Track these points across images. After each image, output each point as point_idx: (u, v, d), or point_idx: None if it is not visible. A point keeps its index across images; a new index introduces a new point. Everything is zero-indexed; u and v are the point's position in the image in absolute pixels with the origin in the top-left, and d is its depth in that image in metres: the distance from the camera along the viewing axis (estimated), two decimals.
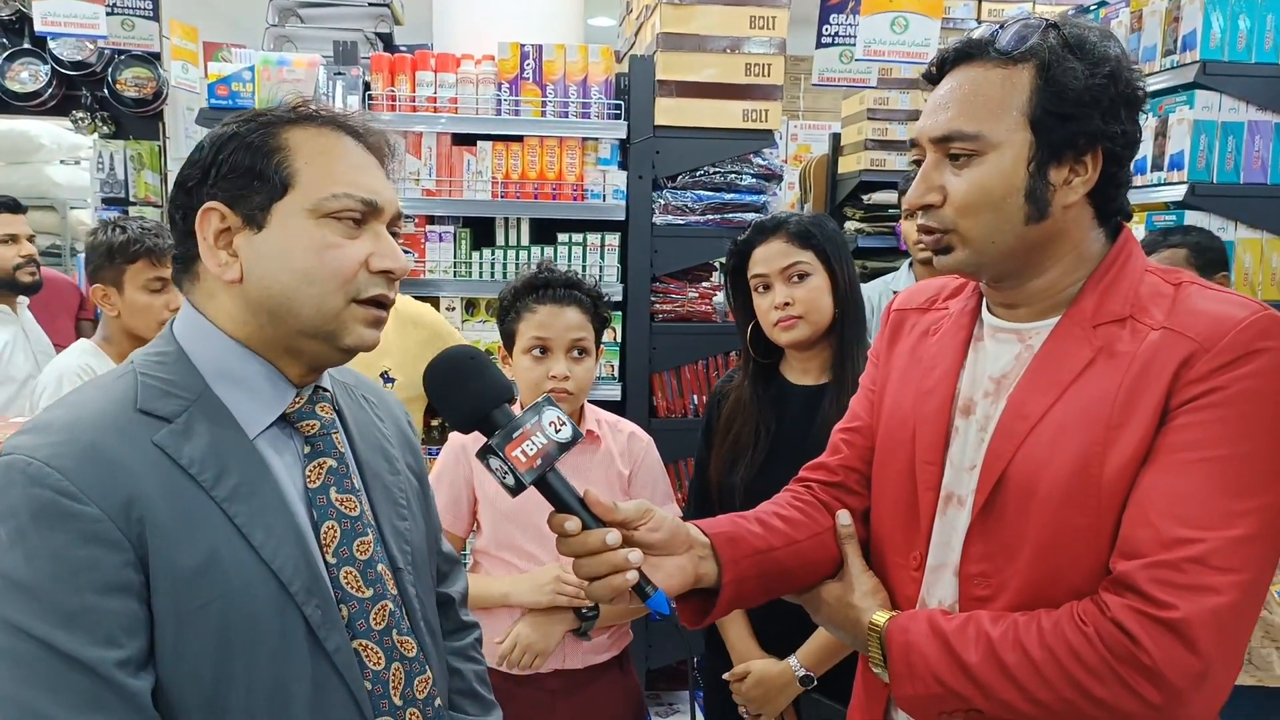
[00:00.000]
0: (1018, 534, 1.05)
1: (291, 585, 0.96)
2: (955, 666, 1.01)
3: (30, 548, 0.86)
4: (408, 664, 1.06)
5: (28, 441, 0.91)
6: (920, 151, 1.11)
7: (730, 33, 3.08)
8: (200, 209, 0.99)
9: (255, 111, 1.04)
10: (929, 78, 1.13)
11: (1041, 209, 1.05)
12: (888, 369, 1.27)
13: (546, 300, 1.84)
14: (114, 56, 4.64)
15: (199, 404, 0.98)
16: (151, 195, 4.89)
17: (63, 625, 0.86)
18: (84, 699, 0.86)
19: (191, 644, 0.92)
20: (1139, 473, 0.99)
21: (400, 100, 3.03)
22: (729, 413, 1.90)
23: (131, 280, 2.26)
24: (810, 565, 1.22)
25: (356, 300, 1.01)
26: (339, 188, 1.00)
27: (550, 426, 1.01)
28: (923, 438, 1.15)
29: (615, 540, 1.02)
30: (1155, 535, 0.95)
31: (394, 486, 1.14)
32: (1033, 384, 1.07)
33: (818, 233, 1.82)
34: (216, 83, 2.99)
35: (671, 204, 3.11)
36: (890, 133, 4.47)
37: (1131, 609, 0.94)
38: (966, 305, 1.19)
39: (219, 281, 1.01)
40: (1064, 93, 1.02)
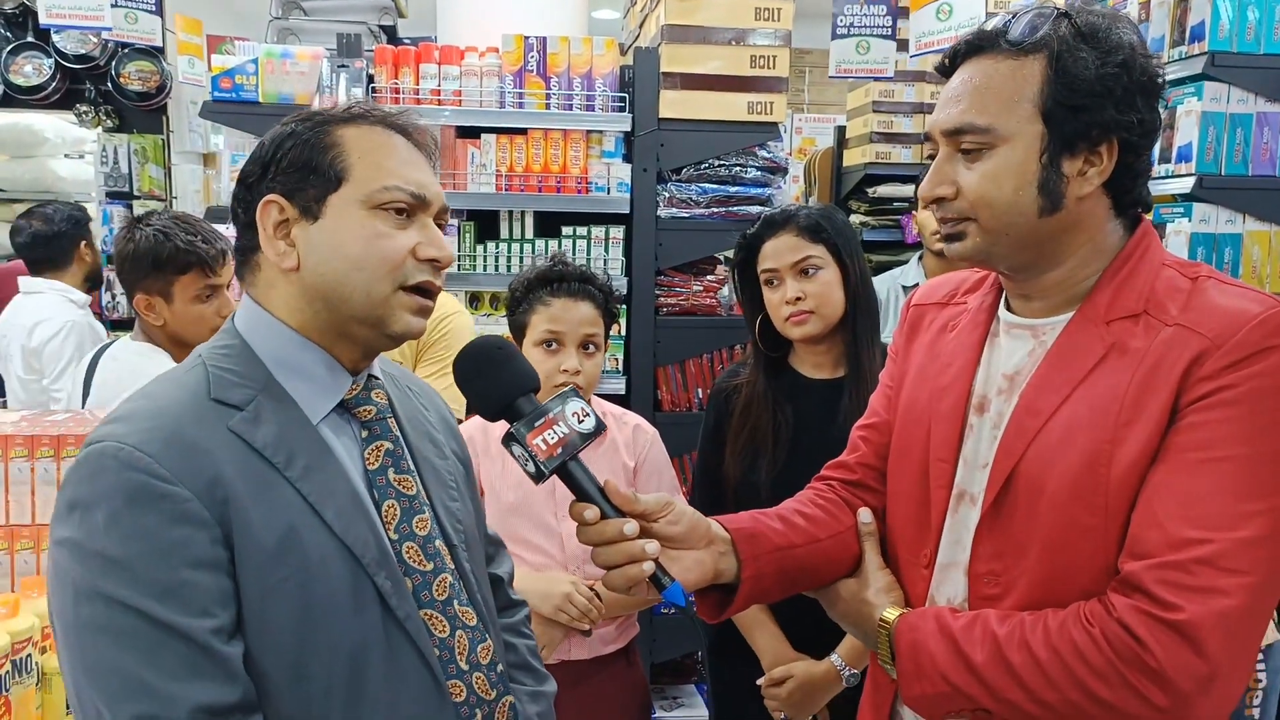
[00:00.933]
0: (1026, 532, 1.04)
1: (364, 558, 1.02)
2: (962, 666, 1.01)
3: (126, 528, 0.92)
4: (470, 632, 1.12)
5: (116, 430, 0.96)
6: (934, 146, 1.11)
7: (735, 24, 3.06)
8: (260, 201, 1.06)
9: (312, 112, 1.10)
10: (942, 70, 1.12)
11: (1055, 201, 1.04)
12: (905, 365, 1.26)
13: (560, 294, 1.83)
14: (117, 50, 4.63)
15: (265, 392, 1.04)
16: (155, 189, 4.88)
17: (159, 598, 0.91)
18: (181, 666, 0.91)
19: (275, 614, 0.97)
20: (1148, 472, 0.97)
21: (404, 93, 3.02)
22: (742, 408, 1.88)
23: (182, 291, 2.11)
24: (831, 563, 1.22)
25: (403, 287, 1.06)
26: (389, 180, 1.05)
27: (574, 417, 1.03)
28: (937, 435, 1.15)
29: (633, 530, 1.04)
30: (1163, 536, 0.94)
31: (443, 470, 1.19)
32: (1044, 381, 1.06)
33: (828, 226, 1.81)
34: (220, 75, 2.98)
35: (676, 197, 3.10)
36: (896, 125, 4.46)
37: (1138, 610, 0.93)
38: (984, 301, 1.19)
39: (277, 270, 1.07)
40: (1075, 83, 1.01)
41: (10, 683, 1.38)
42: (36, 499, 1.59)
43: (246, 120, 3.01)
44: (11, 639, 1.39)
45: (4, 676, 1.36)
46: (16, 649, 1.39)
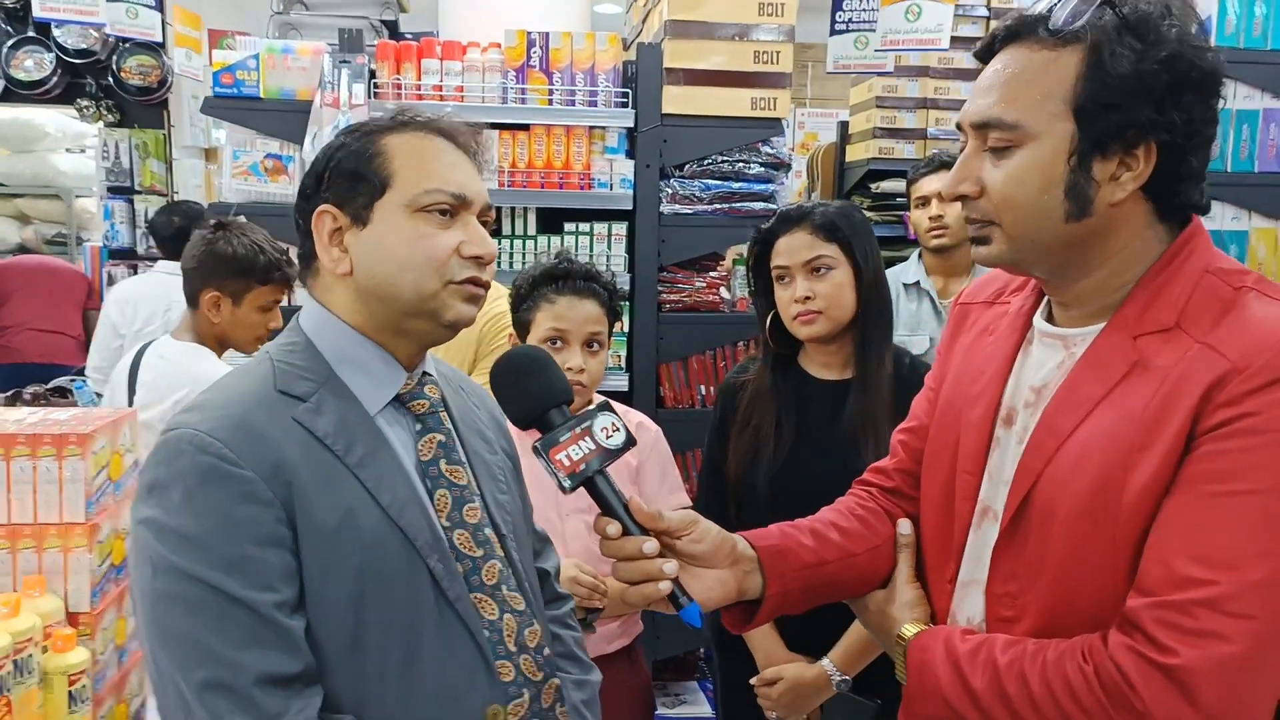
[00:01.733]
0: (1041, 555, 1.00)
1: (417, 541, 1.08)
2: (962, 690, 0.99)
3: (198, 506, 0.99)
4: (518, 616, 1.17)
5: (190, 418, 1.04)
6: (964, 138, 1.05)
7: (739, 20, 3.04)
8: (315, 212, 1.13)
9: (361, 123, 1.18)
10: (979, 57, 1.05)
11: (1083, 206, 0.97)
12: (947, 367, 1.22)
13: (565, 291, 1.82)
14: (118, 44, 4.62)
15: (327, 385, 1.11)
16: (157, 184, 4.88)
17: (227, 571, 0.98)
18: (246, 635, 0.98)
19: (334, 592, 1.04)
20: (1161, 501, 0.91)
21: (406, 89, 3.01)
22: (747, 404, 1.87)
23: (253, 299, 2.33)
24: (865, 577, 1.21)
25: (451, 283, 1.11)
26: (431, 184, 1.11)
27: (602, 432, 1.04)
28: (965, 446, 1.11)
29: (652, 549, 1.03)
30: (1166, 573, 0.89)
31: (493, 464, 1.26)
32: (1067, 398, 1.00)
33: (843, 225, 1.78)
34: (221, 71, 2.97)
35: (679, 193, 3.08)
36: (899, 120, 4.43)
37: (1131, 650, 0.89)
38: (1023, 305, 1.13)
39: (332, 275, 1.14)
40: (1109, 79, 0.93)
41: (12, 682, 1.37)
42: (39, 498, 1.58)
43: (248, 116, 3.00)
44: (13, 639, 1.38)
45: (5, 676, 1.36)
46: (18, 649, 1.39)
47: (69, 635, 1.47)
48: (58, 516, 1.57)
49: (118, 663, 1.65)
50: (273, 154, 2.98)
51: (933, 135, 4.49)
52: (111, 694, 1.62)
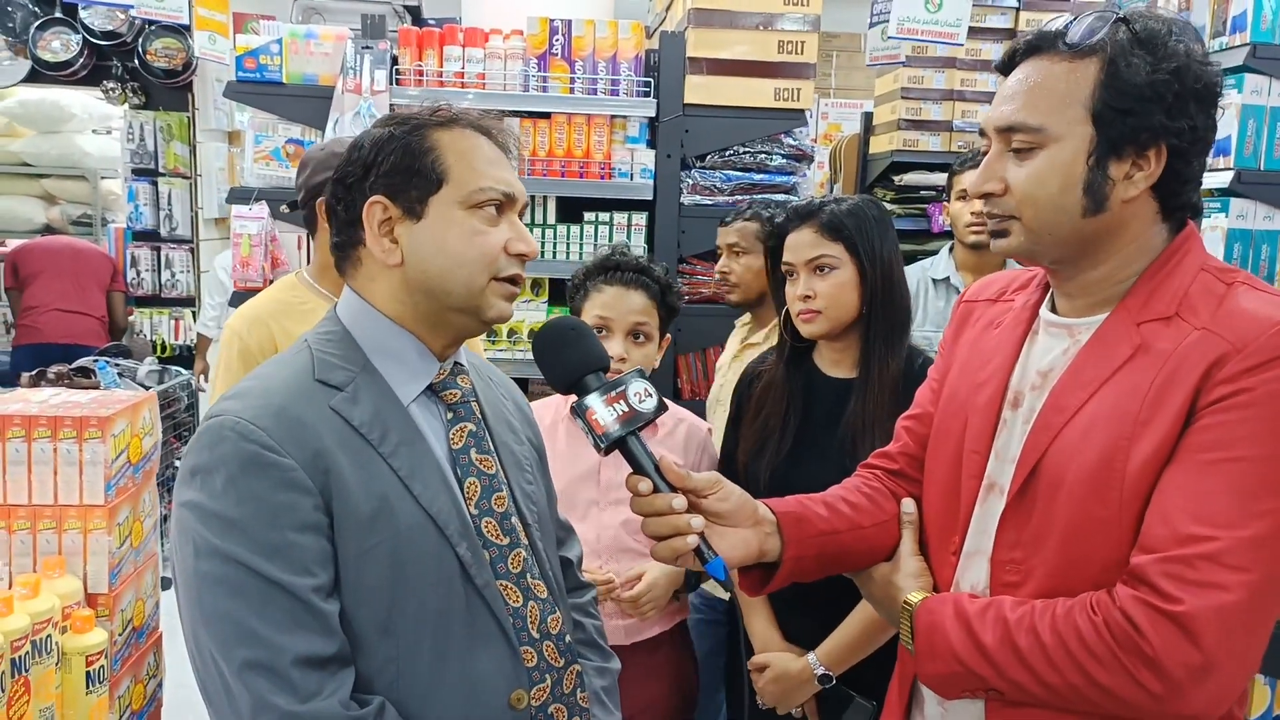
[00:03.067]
0: (1046, 523, 1.08)
1: (447, 529, 1.12)
2: (973, 647, 1.05)
3: (240, 492, 1.03)
4: (541, 604, 1.20)
5: (232, 406, 1.07)
6: (989, 141, 1.13)
7: (764, 9, 3.02)
8: (367, 202, 1.14)
9: (405, 115, 1.18)
10: (1001, 68, 1.14)
11: (1099, 202, 1.06)
12: (950, 359, 1.30)
13: (614, 282, 1.87)
14: (144, 27, 4.64)
15: (363, 375, 1.14)
16: (180, 166, 4.91)
17: (267, 556, 1.02)
18: (285, 617, 1.01)
19: (368, 577, 1.07)
20: (1163, 470, 1.00)
21: (427, 75, 3.00)
22: (760, 393, 1.88)
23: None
24: (872, 550, 1.28)
25: (496, 278, 1.15)
26: (485, 182, 1.14)
27: (635, 396, 1.10)
28: (972, 427, 1.19)
29: (681, 505, 1.10)
30: (1170, 531, 0.97)
31: (520, 454, 1.29)
32: (1073, 379, 1.09)
33: (850, 224, 1.75)
34: (244, 55, 2.98)
35: (700, 184, 3.07)
36: (924, 112, 4.39)
37: (1139, 600, 0.97)
38: (1029, 300, 1.22)
39: (379, 266, 1.16)
40: (1125, 87, 1.03)
41: (30, 663, 1.39)
42: (59, 479, 1.59)
43: (271, 100, 3.01)
44: (32, 619, 1.40)
45: (24, 656, 1.37)
46: (37, 629, 1.40)
47: (87, 616, 1.49)
48: (78, 498, 1.59)
49: (135, 644, 1.67)
50: (294, 139, 2.98)
51: (959, 128, 4.44)
52: (129, 674, 1.64)
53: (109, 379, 3.56)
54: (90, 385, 3.40)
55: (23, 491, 1.57)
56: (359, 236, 1.16)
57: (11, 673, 1.35)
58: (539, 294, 3.15)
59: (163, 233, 4.94)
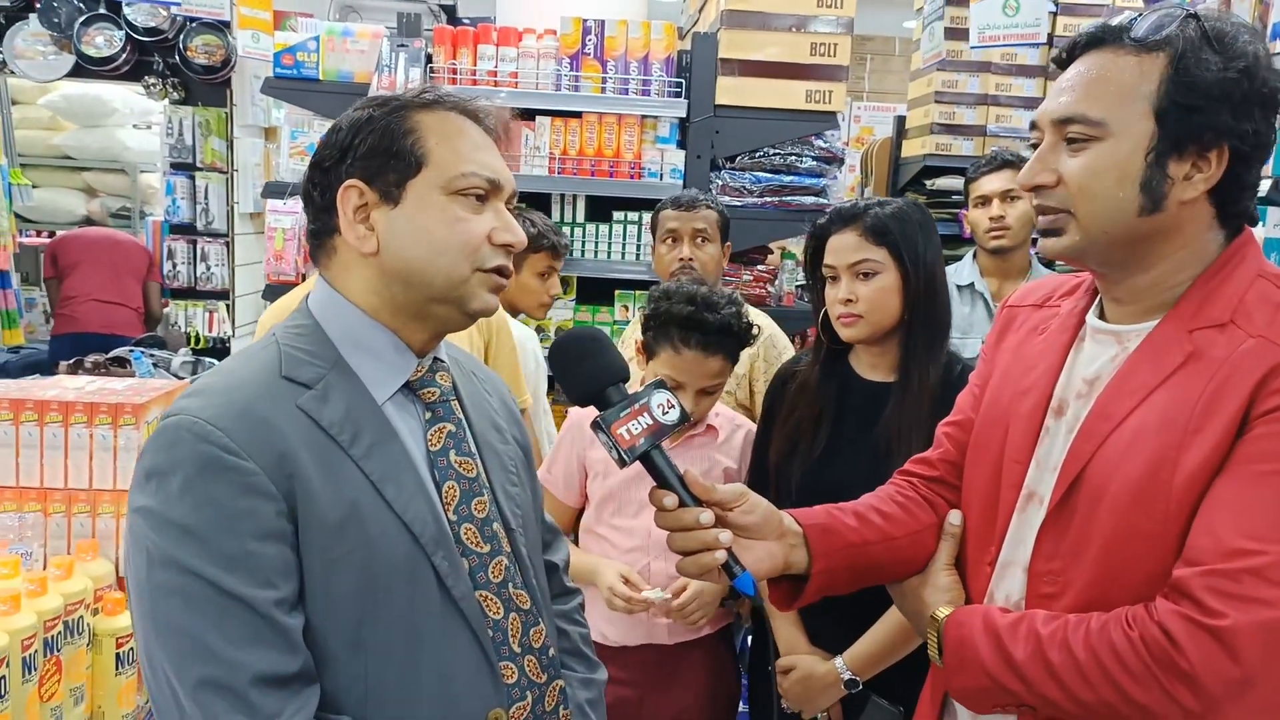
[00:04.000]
0: (1087, 534, 1.05)
1: (421, 537, 1.04)
2: (1003, 662, 1.03)
3: (197, 497, 0.95)
4: (523, 615, 1.13)
5: (192, 404, 1.00)
6: (1040, 135, 1.10)
7: (797, 11, 3.02)
8: (341, 186, 1.07)
9: (387, 96, 1.11)
10: (1059, 62, 1.11)
11: (1156, 201, 1.03)
12: (993, 365, 1.27)
13: (694, 346, 1.77)
14: (185, 24, 4.71)
15: (334, 371, 1.06)
16: (218, 161, 4.97)
17: (226, 567, 0.94)
18: (245, 632, 0.94)
19: (336, 588, 1.00)
20: (1211, 482, 0.97)
21: (461, 74, 3.03)
22: (794, 395, 1.86)
23: (530, 266, 2.58)
24: (906, 561, 1.25)
25: (480, 270, 1.09)
26: (467, 166, 1.07)
27: (659, 408, 1.07)
28: (1014, 436, 1.16)
29: (708, 519, 1.07)
30: (1216, 544, 0.94)
31: (504, 455, 1.22)
32: (1121, 387, 1.06)
33: (894, 229, 1.72)
34: (282, 52, 3.02)
35: (729, 185, 3.07)
36: (958, 117, 4.35)
37: (1179, 614, 0.94)
38: (1076, 306, 1.18)
39: (355, 254, 1.08)
40: (1194, 84, 1.00)
41: (62, 643, 1.42)
42: (94, 464, 1.63)
43: (307, 97, 3.05)
44: (65, 600, 1.43)
45: (56, 637, 1.40)
46: (69, 610, 1.43)
47: (119, 599, 1.52)
48: (111, 483, 1.62)
49: None
50: None
51: (993, 132, 4.40)
52: None
53: (144, 369, 3.62)
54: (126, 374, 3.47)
55: (59, 475, 1.61)
56: (334, 223, 1.08)
57: (44, 652, 1.38)
58: (567, 292, 3.16)
59: (199, 226, 5.00)
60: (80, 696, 1.46)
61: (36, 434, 1.60)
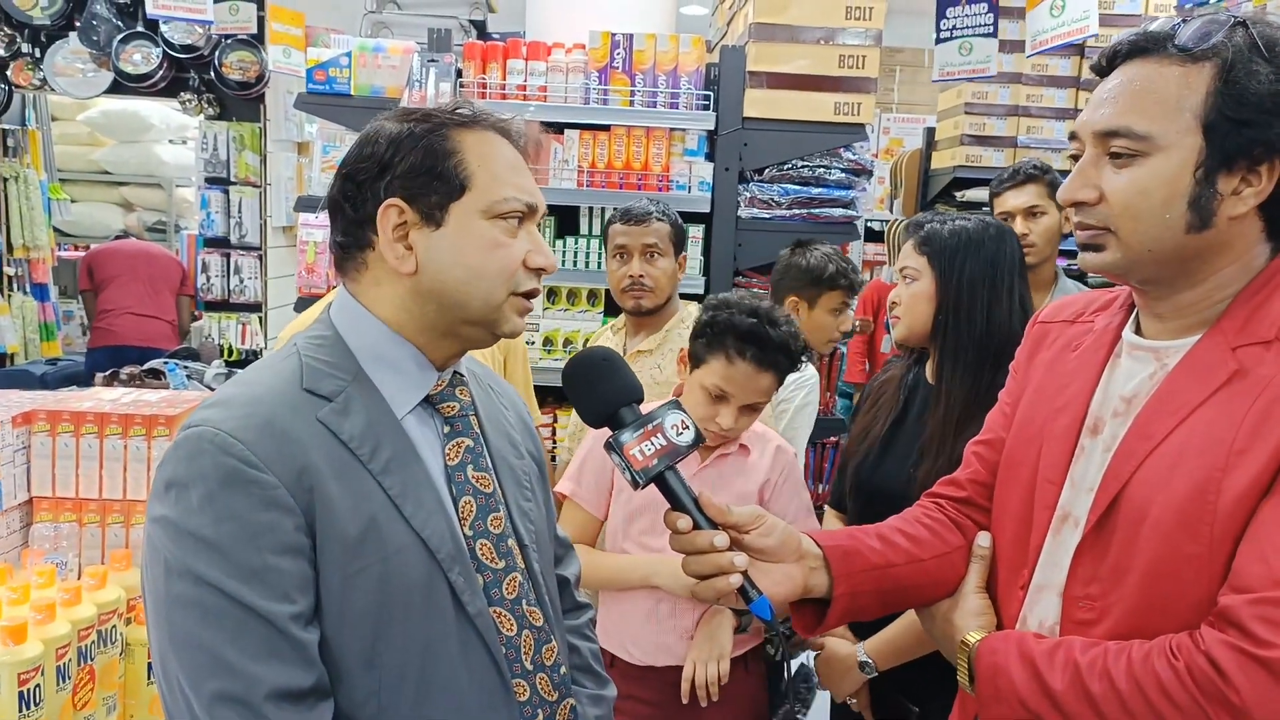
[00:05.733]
0: (1127, 558, 1.00)
1: (439, 553, 1.04)
2: (1040, 692, 0.99)
3: (218, 510, 0.95)
4: (536, 632, 1.12)
5: (213, 415, 0.99)
6: (1080, 145, 1.05)
7: (825, 23, 3.01)
8: (381, 205, 1.06)
9: (424, 112, 1.10)
10: (1097, 70, 1.06)
11: (1205, 218, 0.98)
12: (1025, 382, 1.23)
13: (749, 359, 1.74)
14: (221, 41, 4.80)
15: (355, 384, 1.06)
16: (251, 176, 5.05)
17: (245, 580, 0.94)
18: (262, 647, 0.94)
19: (354, 604, 0.99)
20: (1259, 505, 0.92)
21: (490, 88, 3.05)
22: (874, 391, 1.99)
23: (825, 303, 2.59)
24: (935, 584, 1.21)
25: (515, 293, 1.09)
26: (509, 191, 1.08)
27: (673, 429, 1.06)
28: (1048, 455, 1.12)
29: (723, 542, 1.05)
30: (1266, 571, 0.90)
31: (519, 469, 1.21)
32: (1161, 405, 1.01)
33: (938, 242, 1.80)
34: (314, 68, 3.06)
35: (757, 197, 3.06)
36: (988, 128, 4.33)
37: (1228, 644, 0.90)
38: (1111, 322, 1.14)
39: (388, 271, 1.08)
40: (1244, 96, 0.95)
41: (95, 652, 1.43)
42: (128, 475, 1.65)
43: (339, 112, 3.09)
44: (99, 610, 1.44)
45: (90, 646, 1.42)
46: (103, 619, 1.45)
47: None
48: (145, 494, 1.64)
49: None
50: None
51: (1023, 144, 4.37)
52: None
53: (178, 381, 3.67)
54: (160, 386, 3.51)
55: (94, 486, 1.63)
56: (367, 239, 1.07)
57: (78, 661, 1.40)
58: (595, 304, 3.17)
59: (232, 240, 5.08)
60: (113, 705, 1.48)
61: (72, 445, 1.62)
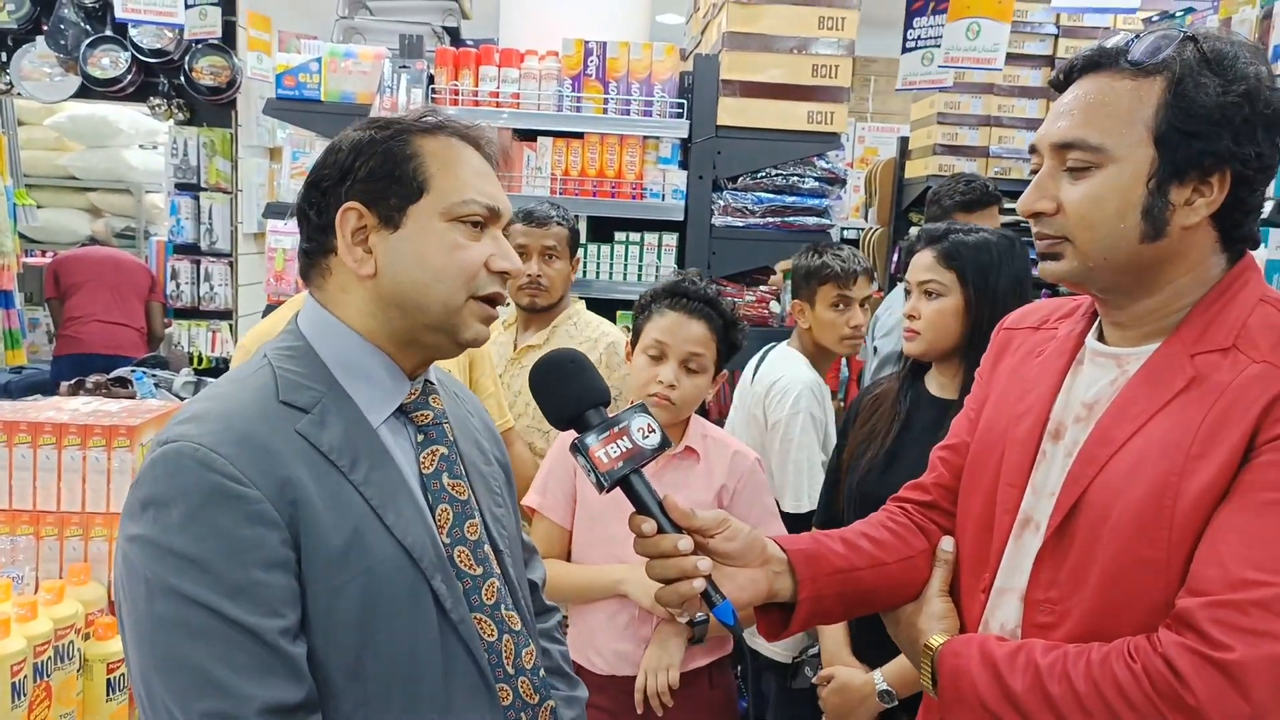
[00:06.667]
0: (1086, 562, 1.02)
1: (421, 562, 1.04)
2: (1001, 694, 1.00)
3: (201, 527, 0.93)
4: (515, 636, 1.13)
5: (190, 430, 0.97)
6: (1039, 159, 1.09)
7: (798, 33, 3.02)
8: (341, 208, 1.06)
9: (388, 119, 1.11)
10: (1055, 85, 1.10)
11: (1158, 228, 1.01)
12: (989, 388, 1.25)
13: (678, 308, 1.83)
14: (191, 45, 4.74)
15: (330, 395, 1.05)
16: (222, 182, 4.99)
17: (231, 597, 0.93)
18: (251, 663, 0.93)
19: (339, 615, 0.99)
20: (1215, 509, 0.95)
21: (463, 94, 3.04)
22: (871, 403, 1.94)
23: (820, 299, 2.44)
24: (899, 587, 1.23)
25: (475, 297, 1.09)
26: (469, 194, 1.08)
27: (639, 432, 1.06)
28: (1009, 460, 1.14)
29: (687, 546, 1.06)
30: (1222, 574, 0.92)
31: (489, 476, 1.22)
32: (1121, 411, 1.04)
33: (966, 255, 1.78)
34: (284, 74, 3.03)
35: (731, 205, 3.07)
36: (961, 138, 4.37)
37: (1185, 646, 0.91)
38: (1074, 329, 1.17)
39: (352, 277, 1.08)
40: (1193, 109, 0.98)
41: (52, 668, 1.40)
42: (88, 487, 1.62)
43: (309, 118, 3.06)
44: (55, 625, 1.41)
45: (46, 662, 1.39)
46: (60, 635, 1.42)
47: (110, 624, 1.50)
48: (104, 506, 1.61)
49: None
50: None
51: (995, 153, 4.41)
52: None
53: (145, 389, 3.61)
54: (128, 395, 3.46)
55: (51, 498, 1.60)
56: (330, 244, 1.08)
57: (34, 677, 1.37)
58: None
59: (203, 246, 5.02)
60: None
61: (30, 456, 1.59)
